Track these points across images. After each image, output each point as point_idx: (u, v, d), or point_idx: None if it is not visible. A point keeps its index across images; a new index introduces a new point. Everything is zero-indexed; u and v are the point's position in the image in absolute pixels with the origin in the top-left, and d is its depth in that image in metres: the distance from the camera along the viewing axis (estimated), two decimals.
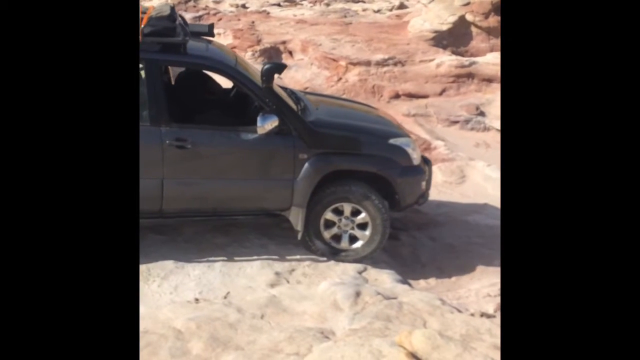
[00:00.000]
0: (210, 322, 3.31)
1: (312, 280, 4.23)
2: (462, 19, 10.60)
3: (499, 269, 4.83)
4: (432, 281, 4.70)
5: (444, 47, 10.55)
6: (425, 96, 9.52)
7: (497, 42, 10.80)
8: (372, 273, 4.48)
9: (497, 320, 4.09)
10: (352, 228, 4.52)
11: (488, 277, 4.76)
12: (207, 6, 13.13)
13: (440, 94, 9.70)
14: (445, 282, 4.70)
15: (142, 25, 3.95)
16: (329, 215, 4.44)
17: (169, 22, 4.11)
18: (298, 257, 4.50)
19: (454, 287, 4.67)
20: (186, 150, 4.10)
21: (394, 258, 4.82)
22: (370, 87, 9.41)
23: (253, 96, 4.26)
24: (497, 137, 8.76)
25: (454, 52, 10.51)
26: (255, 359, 2.96)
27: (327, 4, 13.68)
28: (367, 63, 9.71)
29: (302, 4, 13.87)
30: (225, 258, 4.32)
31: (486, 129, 9.07)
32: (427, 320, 3.58)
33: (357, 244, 4.53)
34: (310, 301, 3.82)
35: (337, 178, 4.36)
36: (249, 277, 4.14)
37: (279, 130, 4.13)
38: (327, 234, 4.49)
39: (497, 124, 9.17)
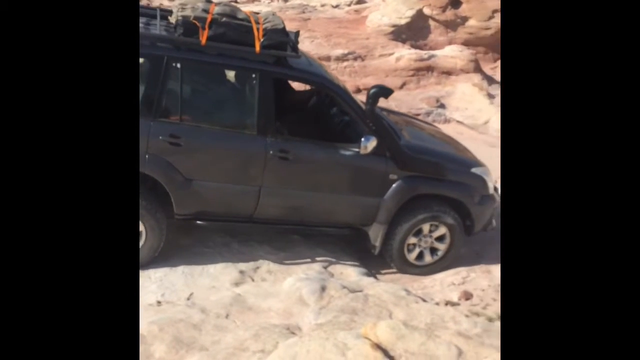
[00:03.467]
0: (173, 324, 3.24)
1: (277, 277, 4.19)
2: (419, 12, 10.71)
3: (461, 258, 4.89)
4: (397, 274, 4.72)
5: (403, 41, 10.64)
6: None
7: (454, 35, 10.96)
8: (338, 267, 4.48)
9: (462, 308, 4.15)
10: (431, 245, 4.68)
11: (452, 266, 4.80)
12: (161, 4, 12.90)
13: (401, 87, 9.78)
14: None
15: (261, 38, 4.02)
16: (414, 231, 4.58)
17: (283, 35, 4.16)
18: (262, 254, 4.46)
19: (419, 277, 4.69)
20: (288, 161, 4.15)
21: (359, 251, 4.81)
22: None
23: (354, 116, 4.35)
24: (458, 128, 8.89)
25: (412, 46, 10.61)
26: (220, 359, 2.91)
27: (285, 0, 13.61)
28: (327, 58, 9.70)
29: (259, 1, 13.77)
30: (188, 259, 4.24)
31: (447, 120, 9.21)
32: (392, 311, 3.59)
33: (431, 259, 4.71)
34: (275, 298, 3.79)
35: (419, 199, 4.50)
36: (212, 277, 4.08)
37: (375, 150, 4.23)
38: (407, 250, 4.64)
39: (457, 116, 9.32)
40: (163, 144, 3.89)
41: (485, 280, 4.55)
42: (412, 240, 4.60)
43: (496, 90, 9.93)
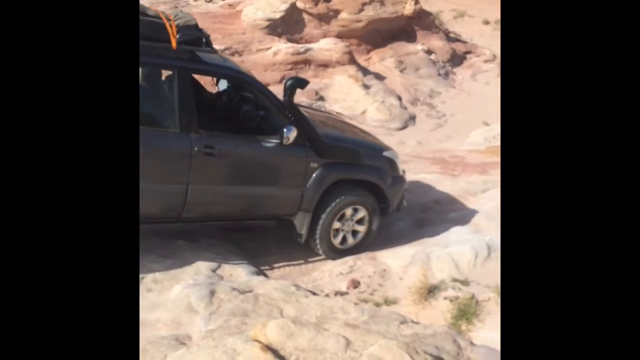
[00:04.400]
0: None
1: (164, 286, 4.05)
2: (293, 6, 10.79)
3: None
4: (287, 268, 4.76)
5: (279, 35, 10.68)
6: (266, 84, 9.56)
7: (328, 28, 11.19)
8: (227, 269, 4.42)
9: (350, 296, 4.29)
10: (352, 228, 4.90)
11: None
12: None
13: (280, 81, 9.80)
14: (299, 267, 4.79)
15: (176, 34, 3.99)
16: (337, 218, 4.74)
17: (197, 31, 4.17)
18: (147, 263, 4.29)
19: (308, 270, 4.78)
20: (213, 157, 4.14)
21: (245, 251, 4.79)
22: (210, 78, 9.22)
23: (273, 108, 4.44)
24: None
25: (289, 40, 10.68)
26: None
27: None
28: None
29: None
30: None
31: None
32: (283, 308, 3.62)
33: (353, 242, 4.93)
34: (162, 308, 3.66)
35: (338, 185, 4.66)
36: None
37: (295, 140, 4.31)
38: (332, 235, 4.80)
39: (336, 107, 9.55)
40: None
41: (371, 267, 4.73)
42: (336, 225, 4.78)
43: (371, 81, 10.31)
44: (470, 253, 4.69)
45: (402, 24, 12.09)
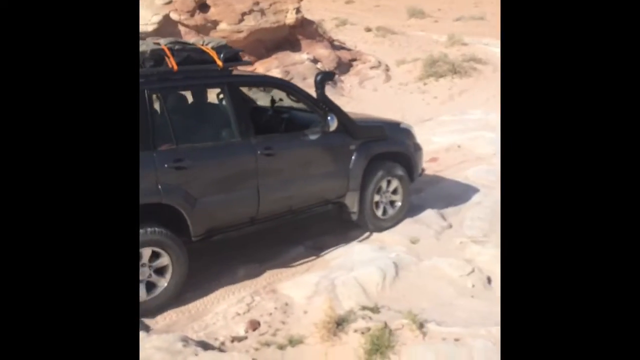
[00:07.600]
0: None
1: None
2: (166, 18, 10.06)
3: (243, 282, 4.48)
4: (174, 315, 4.09)
5: None
6: None
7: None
8: None
9: (250, 341, 3.75)
10: (390, 199, 5.40)
11: (234, 293, 4.35)
12: None
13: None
14: (187, 312, 4.13)
15: (216, 54, 4.35)
16: (376, 193, 5.26)
17: (230, 49, 4.54)
18: None
19: (199, 314, 4.13)
20: (273, 157, 4.49)
21: None
22: None
23: (308, 103, 4.86)
24: None
25: None
26: None
27: None
28: None
29: None
30: None
31: None
32: None
33: (392, 213, 5.42)
34: None
35: (371, 161, 5.12)
36: None
37: (336, 127, 4.80)
38: (375, 208, 5.28)
39: None
40: (170, 171, 3.99)
41: (271, 302, 4.19)
42: (376, 198, 5.25)
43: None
44: (377, 275, 4.32)
45: (285, 33, 11.73)
